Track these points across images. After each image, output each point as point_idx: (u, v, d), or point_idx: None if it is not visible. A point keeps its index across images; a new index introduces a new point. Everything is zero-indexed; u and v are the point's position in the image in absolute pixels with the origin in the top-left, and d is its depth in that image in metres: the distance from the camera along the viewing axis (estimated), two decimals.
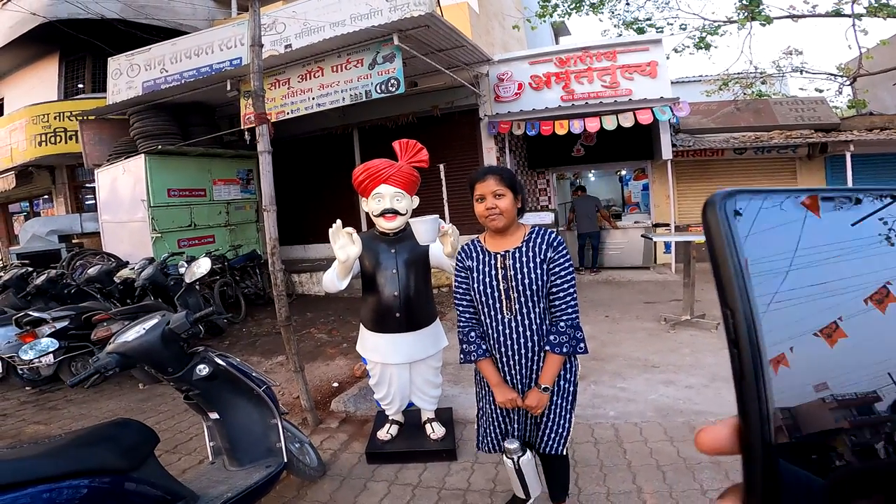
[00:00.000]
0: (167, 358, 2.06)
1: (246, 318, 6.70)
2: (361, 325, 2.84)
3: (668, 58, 7.67)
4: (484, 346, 1.93)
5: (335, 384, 4.11)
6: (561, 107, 7.44)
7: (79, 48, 10.79)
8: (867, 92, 9.13)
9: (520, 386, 1.92)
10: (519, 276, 1.84)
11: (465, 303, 1.99)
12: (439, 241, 2.36)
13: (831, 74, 9.74)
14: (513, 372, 1.92)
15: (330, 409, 3.64)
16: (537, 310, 1.85)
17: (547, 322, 1.88)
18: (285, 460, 2.34)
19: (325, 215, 3.15)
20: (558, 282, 1.83)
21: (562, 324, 1.83)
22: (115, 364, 1.94)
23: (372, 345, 2.77)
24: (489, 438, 2.06)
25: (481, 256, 1.94)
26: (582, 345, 1.86)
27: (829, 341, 0.30)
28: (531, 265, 1.84)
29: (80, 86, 11.44)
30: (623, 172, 10.48)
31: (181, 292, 5.35)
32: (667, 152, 7.32)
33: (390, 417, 3.02)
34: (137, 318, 2.24)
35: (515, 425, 1.99)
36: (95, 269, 5.88)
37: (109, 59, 8.89)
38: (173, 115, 7.77)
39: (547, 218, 7.53)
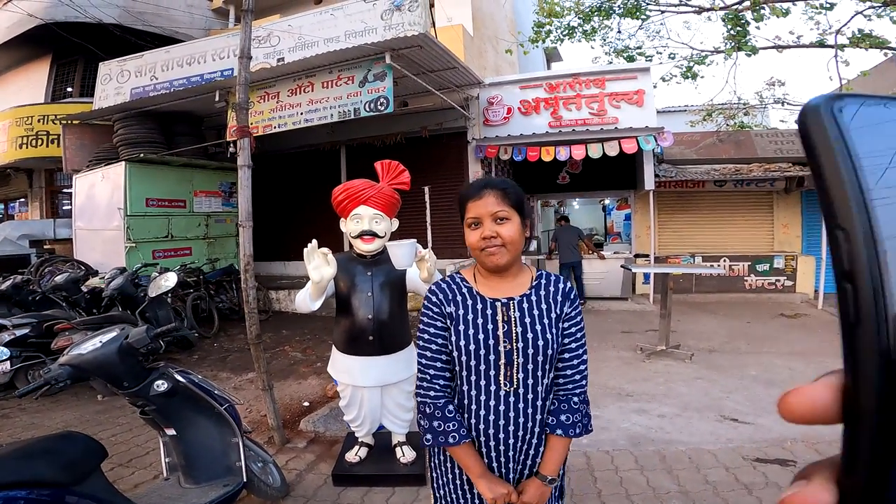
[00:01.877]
0: (123, 372, 1.99)
1: (219, 332, 6.55)
2: (333, 347, 2.78)
3: (655, 86, 7.85)
4: (465, 427, 1.38)
5: (306, 403, 4.01)
6: (548, 133, 7.54)
7: (72, 52, 10.76)
8: None
9: (511, 477, 1.41)
10: (530, 336, 1.33)
11: (439, 364, 1.41)
12: (416, 265, 2.33)
13: None
14: (501, 460, 1.39)
15: (299, 428, 3.54)
16: (546, 381, 1.37)
17: (550, 397, 1.41)
18: (244, 480, 2.26)
19: (307, 233, 3.11)
20: (573, 345, 1.38)
21: (575, 399, 1.38)
22: (67, 376, 1.87)
23: (344, 367, 2.72)
24: None
25: (470, 303, 1.40)
26: (591, 423, 1.44)
27: None
28: (545, 322, 1.35)
29: (69, 89, 11.35)
30: (607, 202, 10.61)
31: (147, 304, 5.21)
32: (649, 182, 7.43)
33: (360, 439, 2.95)
34: (101, 329, 2.17)
35: None
36: (63, 276, 5.73)
37: (100, 64, 8.85)
38: (159, 124, 7.71)
39: (529, 245, 7.53)
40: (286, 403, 3.99)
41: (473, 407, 1.38)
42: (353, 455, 2.91)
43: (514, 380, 1.34)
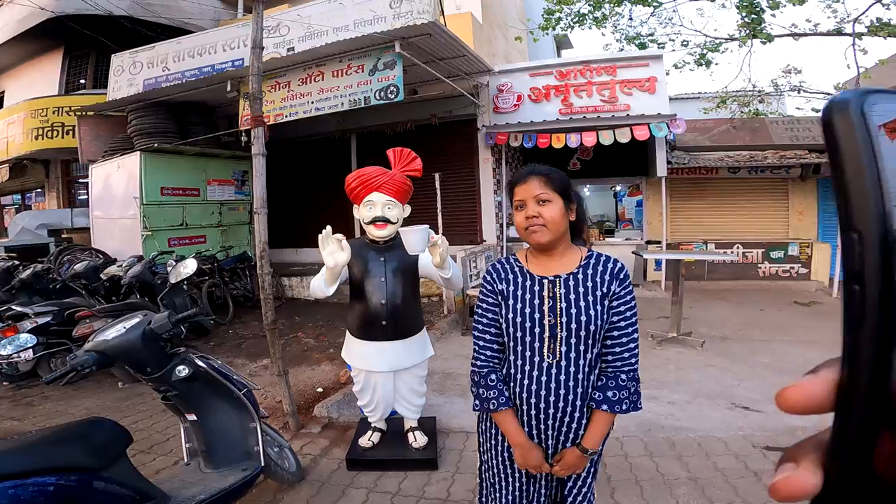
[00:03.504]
0: (146, 358, 2.04)
1: (233, 319, 6.65)
2: (347, 332, 2.83)
3: (667, 74, 7.73)
4: (507, 394, 1.50)
5: (319, 389, 4.08)
6: (559, 120, 7.47)
7: (83, 44, 10.80)
8: None
9: (550, 445, 1.51)
10: (573, 312, 1.42)
11: (488, 336, 1.54)
12: (428, 251, 2.35)
13: (828, 94, 9.78)
14: (541, 427, 1.49)
15: (312, 414, 3.61)
16: (589, 356, 1.45)
17: (596, 371, 1.49)
18: (262, 464, 2.31)
19: (318, 220, 3.15)
20: (622, 323, 1.45)
21: (623, 375, 1.44)
22: (93, 362, 1.92)
23: (357, 352, 2.76)
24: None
25: (520, 280, 1.51)
26: (640, 400, 1.49)
27: None
28: (590, 299, 1.44)
29: (82, 81, 11.44)
30: (618, 188, 10.53)
31: (167, 292, 5.30)
32: (661, 169, 7.36)
33: (373, 425, 3.01)
34: (121, 316, 2.22)
35: (543, 491, 1.59)
36: (82, 265, 5.82)
37: (113, 56, 8.90)
38: (172, 114, 7.77)
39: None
40: (300, 389, 4.06)
41: (518, 376, 1.49)
42: (367, 440, 2.97)
43: (557, 352, 1.44)
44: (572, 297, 1.44)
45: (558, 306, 1.44)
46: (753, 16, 7.18)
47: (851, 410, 0.25)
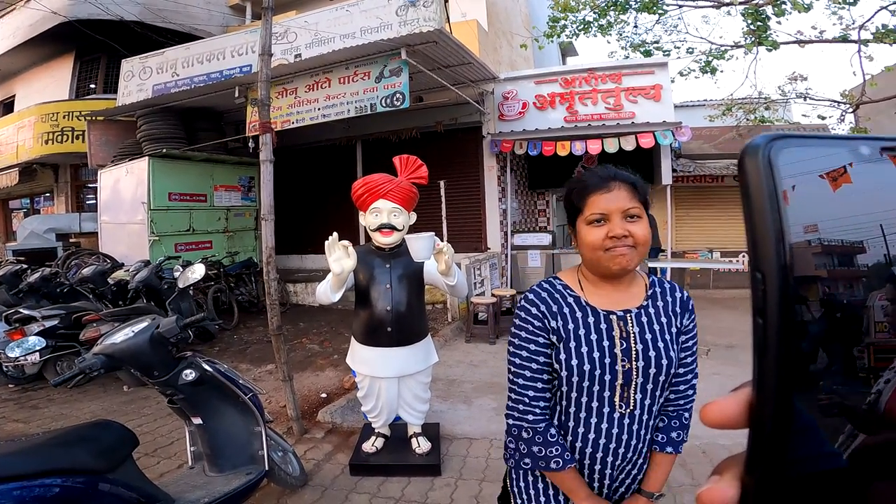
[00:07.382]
0: (154, 361, 2.05)
1: (238, 325, 6.68)
2: (352, 338, 2.84)
3: (672, 81, 7.73)
4: (569, 449, 1.24)
5: (323, 395, 4.09)
6: (564, 127, 7.49)
7: (94, 49, 10.95)
8: (869, 120, 9.11)
9: (606, 493, 1.28)
10: (652, 355, 1.18)
11: (539, 384, 1.23)
12: (434, 258, 2.37)
13: (834, 101, 9.73)
14: (605, 482, 1.26)
15: (316, 419, 3.62)
16: (661, 400, 1.25)
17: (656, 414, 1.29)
18: (266, 468, 2.32)
19: (324, 226, 3.18)
20: (689, 359, 1.25)
21: (686, 414, 1.27)
22: (101, 365, 1.93)
23: (362, 358, 2.77)
24: None
25: (579, 315, 1.22)
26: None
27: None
28: (667, 338, 1.20)
29: (93, 86, 11.58)
30: None
31: (174, 297, 5.34)
32: (667, 177, 7.34)
33: (376, 430, 3.02)
34: (128, 320, 2.24)
35: None
36: (90, 269, 5.88)
37: (123, 61, 9.00)
38: (180, 120, 7.84)
39: (545, 239, 7.50)
40: (304, 394, 4.08)
41: (581, 430, 1.23)
42: (370, 445, 2.98)
43: (632, 401, 1.20)
44: (648, 336, 1.19)
45: (633, 348, 1.18)
46: (759, 23, 7.20)
47: (760, 429, 0.27)
